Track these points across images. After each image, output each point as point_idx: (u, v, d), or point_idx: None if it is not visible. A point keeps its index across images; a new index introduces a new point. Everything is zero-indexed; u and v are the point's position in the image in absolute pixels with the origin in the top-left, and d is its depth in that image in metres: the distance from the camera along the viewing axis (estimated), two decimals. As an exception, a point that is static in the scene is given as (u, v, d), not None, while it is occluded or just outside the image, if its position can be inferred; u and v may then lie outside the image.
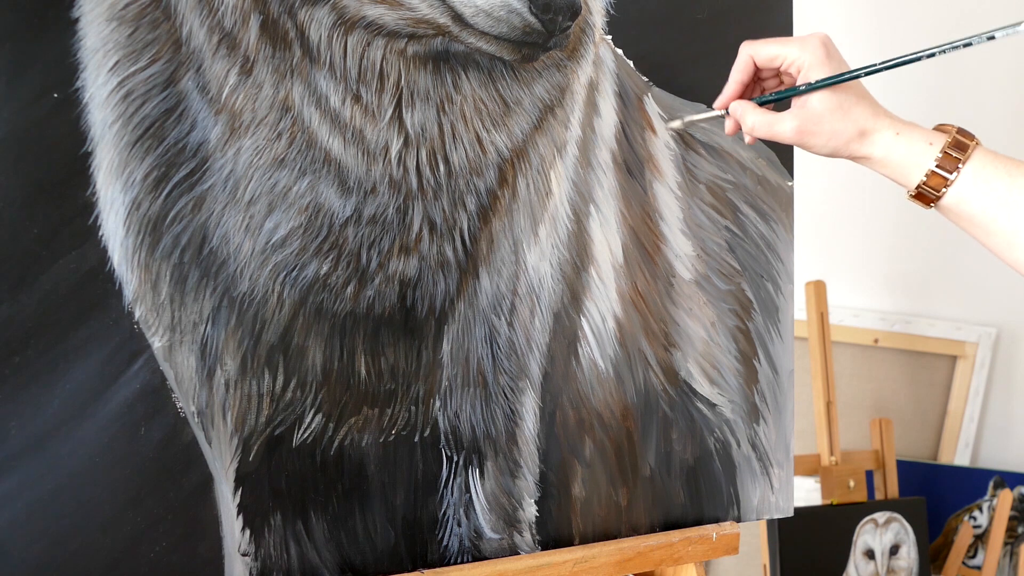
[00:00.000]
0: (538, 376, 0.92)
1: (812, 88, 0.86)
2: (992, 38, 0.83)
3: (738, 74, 0.91)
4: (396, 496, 0.84)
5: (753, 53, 0.90)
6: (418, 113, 0.83)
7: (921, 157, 0.85)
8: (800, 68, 0.87)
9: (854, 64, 0.88)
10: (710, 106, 0.95)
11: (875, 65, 0.86)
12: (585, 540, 0.96)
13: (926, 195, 0.86)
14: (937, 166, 0.84)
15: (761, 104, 0.91)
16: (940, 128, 0.87)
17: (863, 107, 0.87)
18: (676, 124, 1.01)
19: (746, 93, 0.92)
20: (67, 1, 0.68)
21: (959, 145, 0.85)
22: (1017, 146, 2.15)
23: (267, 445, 0.78)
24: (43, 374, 0.67)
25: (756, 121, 0.89)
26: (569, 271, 0.94)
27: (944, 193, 0.85)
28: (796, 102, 0.88)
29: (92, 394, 0.69)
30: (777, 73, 0.92)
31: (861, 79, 0.86)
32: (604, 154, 0.97)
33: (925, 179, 0.85)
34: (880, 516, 1.77)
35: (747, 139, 0.93)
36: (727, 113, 0.93)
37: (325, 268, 0.80)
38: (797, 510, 1.26)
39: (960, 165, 0.84)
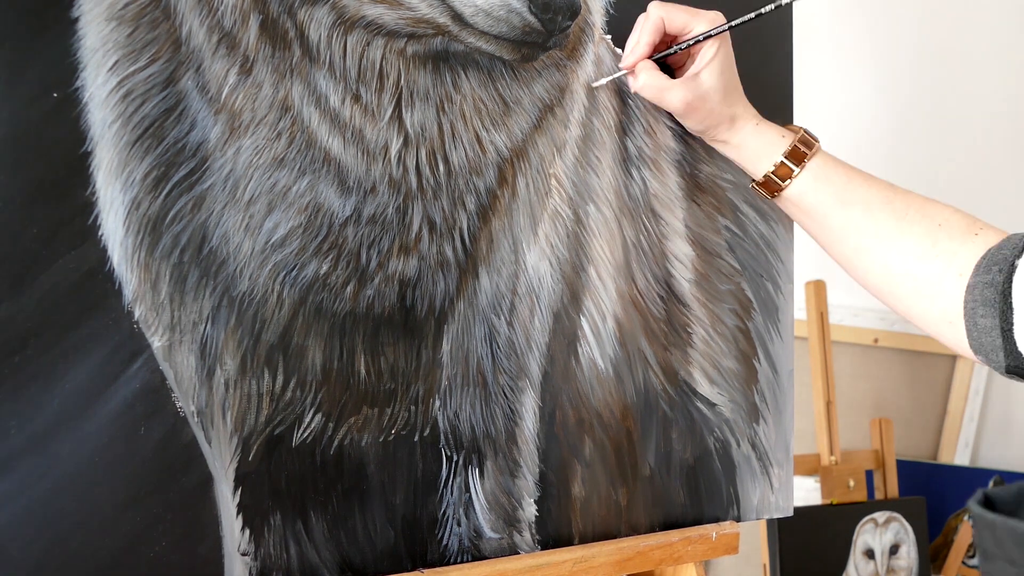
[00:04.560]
0: (538, 376, 0.92)
1: (704, 36, 0.91)
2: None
3: (649, 35, 0.92)
4: (396, 496, 0.84)
5: (666, 17, 0.92)
6: (418, 113, 0.83)
7: (772, 148, 0.94)
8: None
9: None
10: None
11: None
12: (585, 540, 0.96)
13: (771, 184, 0.94)
14: (786, 157, 0.93)
15: (658, 60, 0.93)
16: (789, 128, 0.95)
17: (739, 96, 0.95)
18: (594, 83, 0.97)
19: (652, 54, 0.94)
20: (67, 1, 0.68)
21: (806, 142, 0.93)
22: (1014, 146, 2.15)
23: (267, 445, 0.78)
24: (43, 374, 0.67)
25: (647, 82, 0.92)
26: (569, 271, 0.94)
27: (788, 184, 0.93)
28: (687, 75, 0.92)
29: (92, 394, 0.69)
30: (675, 40, 0.94)
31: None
32: (604, 154, 0.97)
33: (773, 168, 0.93)
34: (880, 516, 1.77)
35: (632, 88, 0.94)
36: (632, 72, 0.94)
37: (325, 268, 0.80)
38: (797, 510, 1.26)
39: (806, 160, 0.93)
